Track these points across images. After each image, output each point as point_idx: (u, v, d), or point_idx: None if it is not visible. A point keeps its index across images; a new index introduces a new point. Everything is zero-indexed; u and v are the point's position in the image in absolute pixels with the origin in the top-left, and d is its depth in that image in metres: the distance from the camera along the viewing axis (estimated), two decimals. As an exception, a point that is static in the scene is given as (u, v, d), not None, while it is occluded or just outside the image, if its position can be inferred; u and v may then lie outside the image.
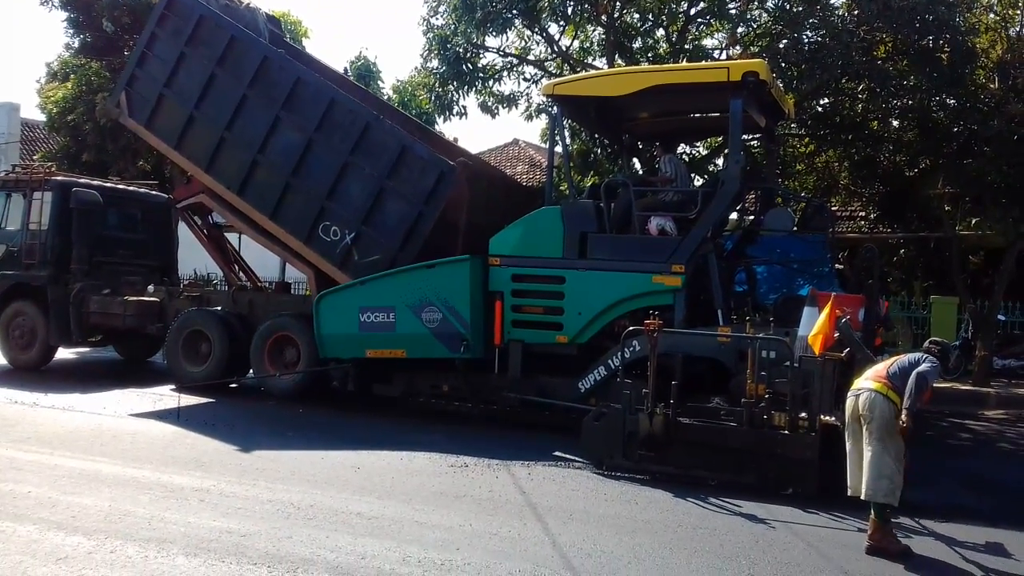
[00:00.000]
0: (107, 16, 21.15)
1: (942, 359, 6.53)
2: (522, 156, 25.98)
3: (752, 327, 8.74)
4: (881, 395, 6.05)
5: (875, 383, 6.15)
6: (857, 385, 6.32)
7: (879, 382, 6.14)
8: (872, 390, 6.11)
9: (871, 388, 6.13)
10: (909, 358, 6.25)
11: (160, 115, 12.13)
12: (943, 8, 13.12)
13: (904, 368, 6.12)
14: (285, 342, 11.46)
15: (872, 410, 6.05)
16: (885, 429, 5.99)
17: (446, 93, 15.77)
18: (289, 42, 15.21)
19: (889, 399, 6.02)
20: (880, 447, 6.00)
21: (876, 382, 6.16)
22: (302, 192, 11.09)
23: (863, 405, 6.11)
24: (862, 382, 6.30)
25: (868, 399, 6.09)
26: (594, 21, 15.76)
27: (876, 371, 6.31)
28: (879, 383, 6.13)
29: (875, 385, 6.13)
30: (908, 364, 6.15)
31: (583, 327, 9.66)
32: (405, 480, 7.46)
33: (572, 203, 10.22)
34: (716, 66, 10.87)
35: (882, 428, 6.00)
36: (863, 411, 6.11)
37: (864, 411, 6.10)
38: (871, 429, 6.06)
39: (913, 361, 6.17)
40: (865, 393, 6.14)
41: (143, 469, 7.41)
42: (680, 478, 7.57)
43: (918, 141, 14.86)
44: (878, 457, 6.00)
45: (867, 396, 6.11)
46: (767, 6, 15.04)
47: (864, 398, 6.13)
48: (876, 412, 6.03)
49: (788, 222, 10.80)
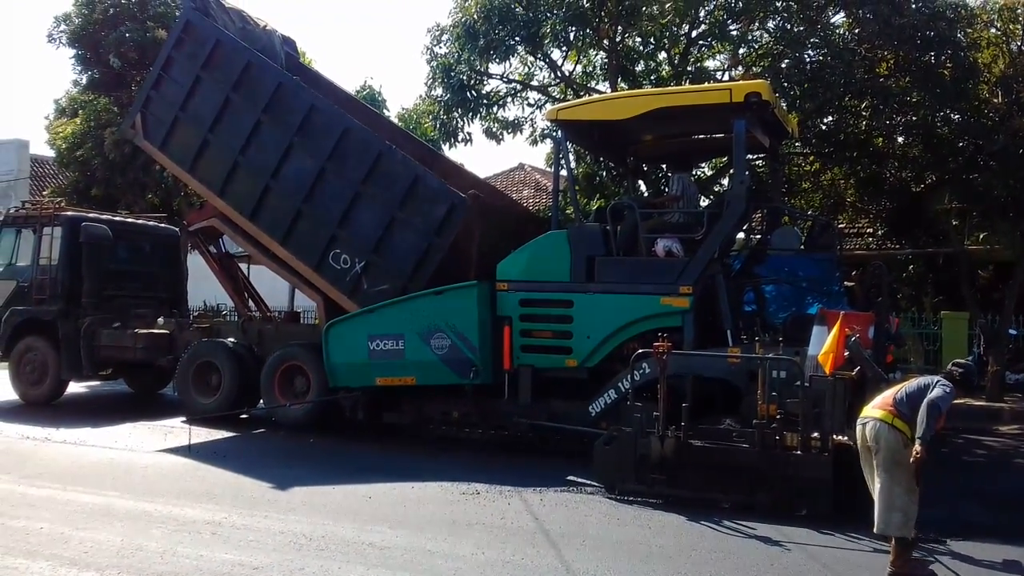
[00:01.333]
0: (114, 52, 21.42)
1: (965, 381, 6.21)
2: (528, 180, 26.06)
3: (762, 347, 8.71)
4: (886, 424, 5.88)
5: (880, 411, 5.99)
6: (864, 413, 6.18)
7: (884, 410, 5.96)
8: (877, 419, 5.95)
9: (876, 417, 5.97)
10: (918, 383, 6.03)
11: (175, 138, 12.22)
12: (944, 24, 13.17)
13: (912, 394, 5.92)
14: (295, 371, 11.47)
15: (878, 440, 5.90)
16: (892, 460, 5.84)
17: (451, 120, 15.85)
18: (304, 64, 15.34)
19: (895, 428, 5.85)
20: (888, 478, 5.86)
21: (882, 410, 5.98)
22: (313, 219, 11.14)
23: (869, 435, 5.98)
24: (869, 410, 6.14)
25: (873, 429, 5.95)
26: (596, 46, 15.86)
27: (883, 398, 6.12)
28: (884, 411, 5.96)
29: (880, 414, 5.97)
30: (916, 389, 5.93)
31: (592, 350, 9.64)
32: (417, 509, 7.43)
33: (578, 227, 10.25)
34: (719, 88, 10.89)
35: (889, 459, 5.85)
36: (870, 441, 5.98)
37: (871, 441, 5.97)
38: (878, 460, 5.92)
39: (922, 386, 5.94)
40: (871, 423, 6.00)
41: (155, 503, 7.41)
42: (693, 501, 7.51)
43: (923, 157, 14.87)
44: (887, 489, 5.86)
45: (872, 426, 5.97)
46: (768, 27, 15.13)
47: (870, 428, 5.98)
48: (882, 443, 5.88)
49: (795, 241, 10.80)
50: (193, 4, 12.32)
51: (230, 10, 13.22)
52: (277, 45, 13.30)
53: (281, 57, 13.08)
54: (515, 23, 14.40)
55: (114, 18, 21.67)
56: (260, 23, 13.49)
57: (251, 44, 12.21)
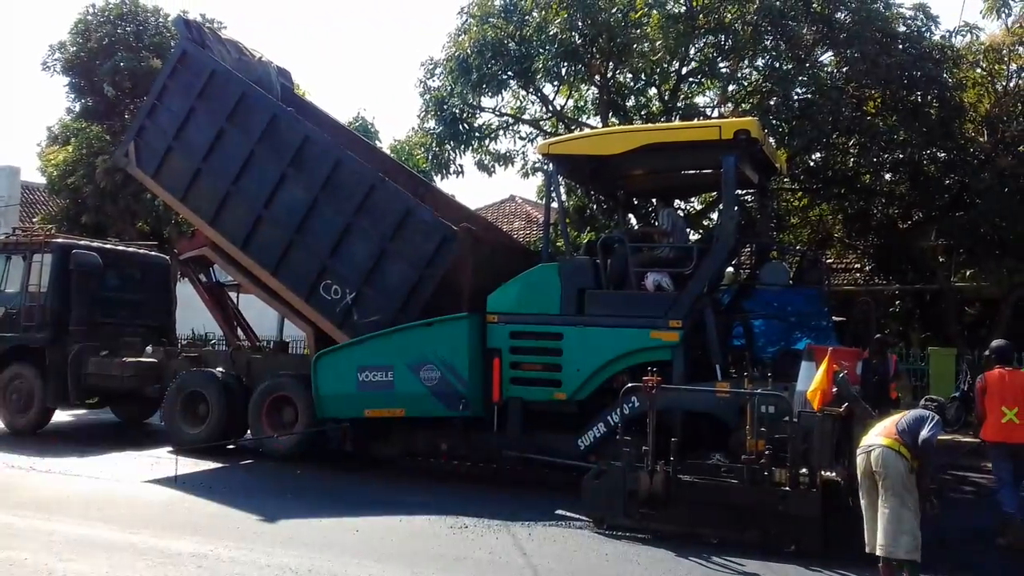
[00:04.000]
0: (108, 81, 21.53)
1: (941, 414, 6.53)
2: (519, 212, 26.17)
3: (750, 382, 8.74)
4: (893, 451, 6.05)
5: (885, 439, 6.14)
6: (867, 442, 6.29)
7: (889, 438, 6.13)
8: (883, 446, 6.10)
9: (882, 444, 6.12)
10: (913, 415, 6.27)
11: (168, 167, 12.24)
12: (930, 64, 13.40)
13: (911, 425, 6.14)
14: (283, 402, 11.42)
15: (886, 467, 6.03)
16: (901, 483, 5.99)
17: (443, 152, 15.97)
18: (299, 95, 15.43)
19: (901, 455, 6.03)
20: (898, 502, 5.98)
21: (887, 438, 6.15)
22: (305, 249, 11.16)
23: (876, 462, 6.10)
24: (872, 438, 6.27)
25: (880, 455, 6.08)
26: (587, 81, 16.04)
27: (885, 427, 6.29)
28: (889, 439, 6.12)
29: (886, 441, 6.12)
30: (913, 421, 6.17)
31: (582, 383, 9.64)
32: (404, 543, 7.38)
33: (569, 260, 10.30)
34: (708, 125, 11.03)
35: (898, 483, 5.99)
36: (876, 467, 6.09)
37: (877, 467, 6.08)
38: (887, 485, 6.03)
39: (917, 418, 6.18)
40: (877, 449, 6.13)
41: (141, 534, 7.34)
42: (682, 536, 7.49)
43: (910, 194, 15.04)
44: (896, 513, 5.97)
45: (879, 452, 6.10)
46: (757, 65, 15.33)
47: (876, 455, 6.11)
48: (890, 468, 6.02)
49: (783, 276, 10.88)
50: (189, 35, 12.42)
51: (226, 41, 13.34)
52: (272, 76, 13.39)
53: (276, 88, 13.16)
54: (508, 58, 14.58)
55: (109, 47, 21.82)
56: (256, 54, 13.59)
57: (247, 75, 12.30)
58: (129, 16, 22.52)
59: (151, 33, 22.24)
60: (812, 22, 14.04)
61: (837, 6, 13.83)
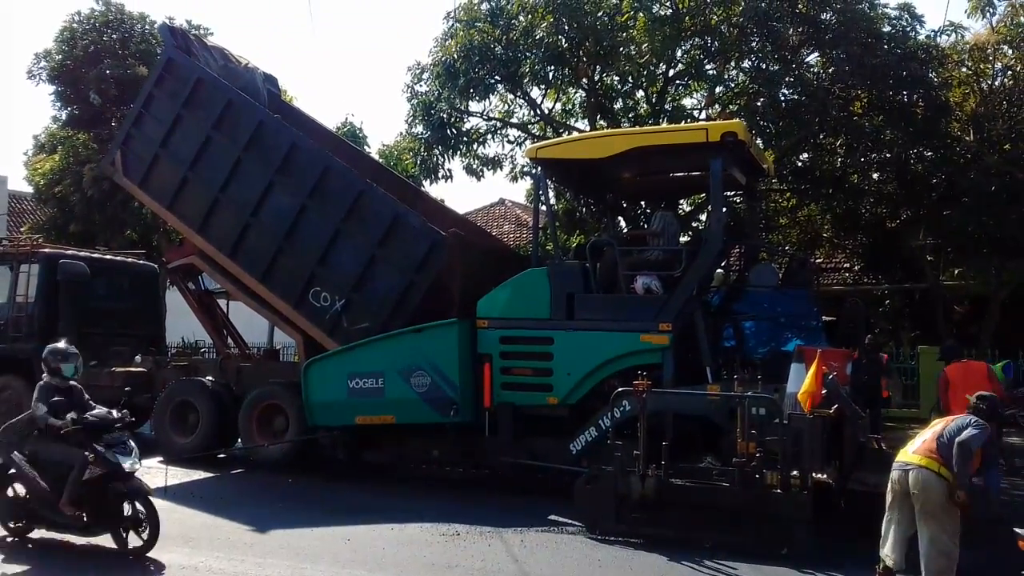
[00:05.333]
0: (94, 88, 21.36)
1: (992, 412, 6.21)
2: (508, 215, 26.18)
3: (740, 384, 8.73)
4: (932, 473, 5.81)
5: (924, 459, 5.90)
6: (904, 459, 6.06)
7: (928, 457, 5.88)
8: (921, 466, 5.87)
9: (920, 464, 5.88)
10: (957, 423, 6.01)
11: (154, 175, 12.15)
12: (916, 64, 13.46)
13: (952, 436, 5.87)
14: (273, 411, 11.36)
15: (925, 490, 5.82)
16: (940, 507, 5.78)
17: (431, 157, 15.95)
18: (286, 101, 15.37)
19: (941, 476, 5.78)
20: (936, 526, 5.80)
21: (925, 457, 5.90)
22: (293, 257, 11.11)
23: (913, 483, 5.88)
24: (909, 456, 6.03)
25: (918, 477, 5.86)
26: (575, 84, 16.05)
27: (925, 442, 6.03)
28: (928, 459, 5.88)
29: (924, 461, 5.89)
30: (956, 429, 5.90)
31: (573, 388, 9.62)
32: (396, 551, 7.35)
33: (558, 264, 10.28)
34: (695, 127, 11.03)
35: (937, 507, 5.78)
36: (914, 489, 5.87)
37: (915, 490, 5.86)
38: (926, 509, 5.83)
39: (960, 426, 5.92)
40: (914, 470, 5.89)
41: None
42: (675, 540, 7.48)
43: (898, 193, 15.11)
44: (935, 536, 5.79)
45: (916, 474, 5.87)
46: (744, 66, 15.36)
47: (914, 476, 5.88)
48: (931, 492, 5.80)
49: (772, 277, 10.90)
50: (175, 42, 12.37)
51: (212, 48, 13.28)
52: (259, 83, 13.32)
53: (263, 95, 13.10)
54: (494, 62, 14.57)
55: (95, 55, 21.66)
56: (242, 61, 13.54)
57: (233, 82, 12.24)
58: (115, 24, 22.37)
59: (137, 41, 22.09)
60: (798, 23, 14.09)
61: (822, 7, 13.88)
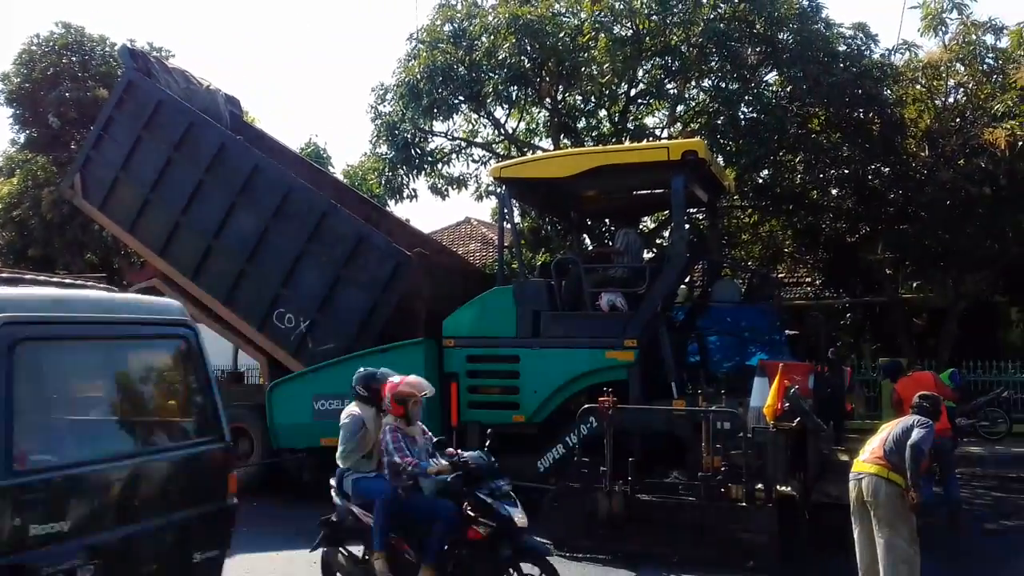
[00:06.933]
0: (53, 111, 21.21)
1: (935, 409, 6.27)
2: (474, 234, 26.18)
3: (705, 399, 8.81)
4: (882, 479, 5.85)
5: (873, 466, 5.94)
6: (858, 468, 6.10)
7: (877, 464, 5.93)
8: (872, 474, 5.91)
9: (871, 472, 5.92)
10: (903, 426, 6.04)
11: (115, 198, 12.07)
12: (871, 82, 13.72)
13: (899, 439, 5.90)
14: (238, 433, 11.15)
15: (876, 496, 5.85)
16: (893, 513, 5.81)
17: (396, 177, 15.93)
18: (249, 123, 15.31)
19: (891, 481, 5.81)
20: (891, 533, 5.81)
21: (875, 464, 5.94)
22: (257, 279, 11.05)
23: (866, 491, 5.92)
24: (861, 464, 6.07)
25: (871, 484, 5.89)
26: (538, 104, 16.15)
27: (872, 450, 6.08)
28: (878, 466, 5.92)
29: (874, 468, 5.93)
30: (902, 433, 5.94)
31: (539, 406, 9.66)
32: (364, 573, 7.27)
33: (524, 282, 10.33)
34: (656, 146, 11.17)
35: (890, 513, 5.82)
36: (868, 497, 5.91)
37: (869, 497, 5.90)
38: (879, 516, 5.86)
39: (906, 428, 5.96)
40: (866, 478, 5.93)
41: (91, 575, 7.14)
42: (642, 556, 7.51)
43: (856, 209, 15.34)
44: (890, 543, 5.80)
45: (869, 481, 5.91)
46: (704, 85, 15.58)
47: (866, 483, 5.93)
48: (881, 498, 5.83)
49: (735, 293, 11.04)
50: (135, 65, 12.30)
51: (173, 70, 13.22)
52: (221, 104, 13.28)
53: (225, 117, 13.06)
54: (458, 83, 14.63)
55: (54, 77, 21.51)
56: (203, 83, 13.48)
57: (194, 104, 12.19)
58: (74, 46, 22.23)
59: (97, 63, 21.97)
60: (756, 43, 14.31)
61: (779, 27, 14.12)
